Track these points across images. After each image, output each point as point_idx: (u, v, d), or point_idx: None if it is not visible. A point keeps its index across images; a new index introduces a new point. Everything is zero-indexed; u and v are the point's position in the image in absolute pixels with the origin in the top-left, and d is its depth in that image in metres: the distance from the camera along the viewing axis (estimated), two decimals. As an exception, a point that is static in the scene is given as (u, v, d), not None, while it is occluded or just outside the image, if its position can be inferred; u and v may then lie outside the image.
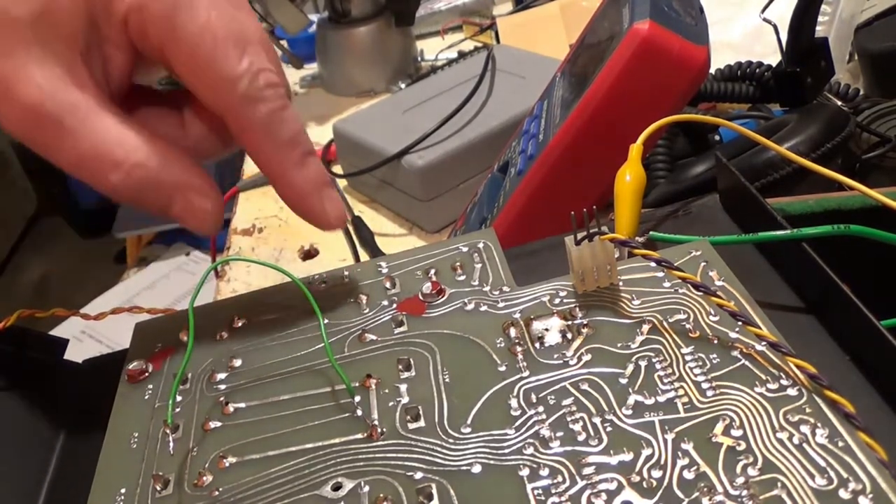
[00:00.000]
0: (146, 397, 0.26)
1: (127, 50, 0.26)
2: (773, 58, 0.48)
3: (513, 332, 0.24)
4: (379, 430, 0.22)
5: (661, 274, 0.25)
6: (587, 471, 0.20)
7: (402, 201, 0.59)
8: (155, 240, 1.43)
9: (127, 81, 0.27)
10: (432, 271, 0.28)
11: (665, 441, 0.20)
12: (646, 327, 0.23)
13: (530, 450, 0.21)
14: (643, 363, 0.22)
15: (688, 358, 0.22)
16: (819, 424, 0.19)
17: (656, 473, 0.19)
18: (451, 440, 0.21)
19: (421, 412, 0.22)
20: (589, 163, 0.35)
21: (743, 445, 0.19)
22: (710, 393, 0.21)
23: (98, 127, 0.25)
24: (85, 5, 0.25)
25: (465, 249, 0.28)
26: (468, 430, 0.22)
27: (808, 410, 0.20)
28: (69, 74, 0.25)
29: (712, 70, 0.48)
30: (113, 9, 0.25)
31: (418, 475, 0.21)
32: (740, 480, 0.19)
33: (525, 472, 0.20)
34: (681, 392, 0.21)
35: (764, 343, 0.21)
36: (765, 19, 0.48)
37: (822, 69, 0.45)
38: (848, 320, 0.22)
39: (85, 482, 0.23)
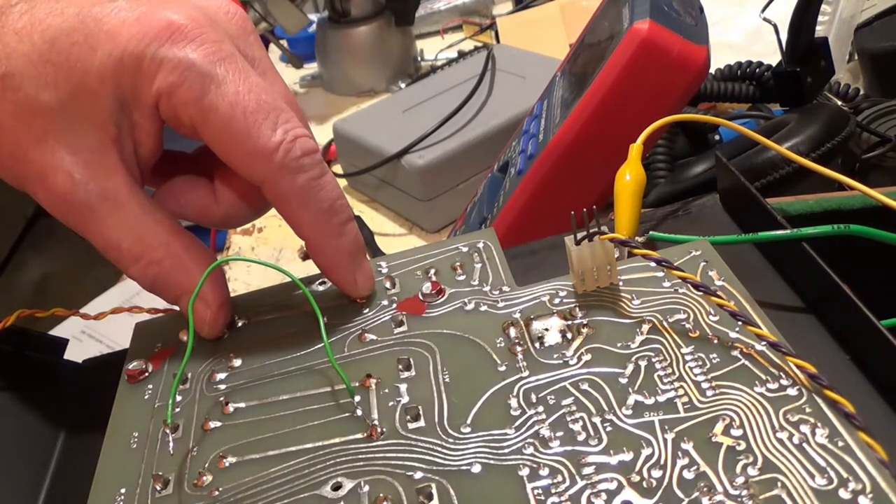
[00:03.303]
0: (146, 397, 0.26)
1: (157, 132, 0.26)
2: (773, 58, 0.48)
3: (513, 331, 0.24)
4: (379, 429, 0.22)
5: (661, 274, 0.25)
6: (587, 470, 0.20)
7: (401, 201, 0.59)
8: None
9: (157, 154, 0.27)
10: (432, 271, 0.28)
11: (665, 441, 0.20)
12: (646, 327, 0.23)
13: (530, 449, 0.21)
14: (643, 363, 0.22)
15: (688, 358, 0.22)
16: (819, 424, 0.19)
17: (656, 473, 0.19)
18: (450, 440, 0.21)
19: (421, 412, 0.22)
20: (589, 162, 0.35)
21: (743, 445, 0.19)
22: (710, 393, 0.21)
23: (123, 218, 0.25)
24: (114, 92, 0.24)
25: (464, 249, 0.28)
26: (468, 429, 0.22)
27: (808, 410, 0.20)
28: (100, 161, 0.25)
29: (712, 70, 0.48)
30: (142, 94, 0.24)
31: (418, 475, 0.21)
32: (740, 480, 0.19)
33: (525, 472, 0.20)
34: (681, 392, 0.21)
35: (764, 343, 0.21)
36: (765, 19, 0.48)
37: (822, 69, 0.45)
38: (848, 320, 0.22)
39: (85, 482, 0.23)
